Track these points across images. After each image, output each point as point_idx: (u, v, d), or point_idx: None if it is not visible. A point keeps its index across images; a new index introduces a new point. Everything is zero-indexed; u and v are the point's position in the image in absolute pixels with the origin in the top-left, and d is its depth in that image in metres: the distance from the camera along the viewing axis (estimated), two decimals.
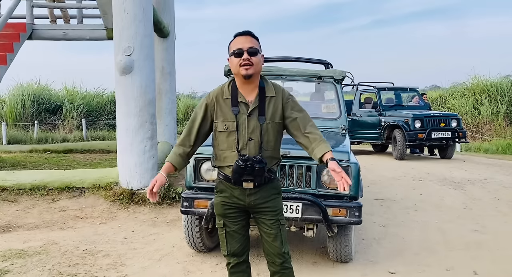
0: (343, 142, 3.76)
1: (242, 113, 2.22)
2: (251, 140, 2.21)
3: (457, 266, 3.59)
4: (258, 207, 2.26)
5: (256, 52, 2.17)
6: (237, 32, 2.24)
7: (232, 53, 2.18)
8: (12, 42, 7.56)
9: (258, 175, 2.19)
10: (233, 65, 2.20)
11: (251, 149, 2.20)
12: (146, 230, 4.51)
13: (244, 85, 2.24)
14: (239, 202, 2.27)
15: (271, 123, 2.24)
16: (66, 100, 18.77)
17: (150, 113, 5.51)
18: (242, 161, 2.15)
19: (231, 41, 2.23)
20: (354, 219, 3.16)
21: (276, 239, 2.26)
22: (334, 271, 3.46)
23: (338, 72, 4.49)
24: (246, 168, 2.15)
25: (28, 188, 5.34)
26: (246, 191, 2.24)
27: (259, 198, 2.25)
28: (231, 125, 2.22)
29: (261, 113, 2.22)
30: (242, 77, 2.19)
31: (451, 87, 19.76)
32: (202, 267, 3.48)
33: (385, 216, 5.13)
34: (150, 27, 5.62)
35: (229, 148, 2.23)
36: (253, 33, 2.22)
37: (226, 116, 2.23)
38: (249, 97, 2.24)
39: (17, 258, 3.61)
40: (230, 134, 2.22)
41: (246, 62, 2.14)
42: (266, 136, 2.23)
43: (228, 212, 2.29)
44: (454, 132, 9.95)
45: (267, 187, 2.27)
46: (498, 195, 6.28)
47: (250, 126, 2.21)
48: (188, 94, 23.38)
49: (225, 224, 2.30)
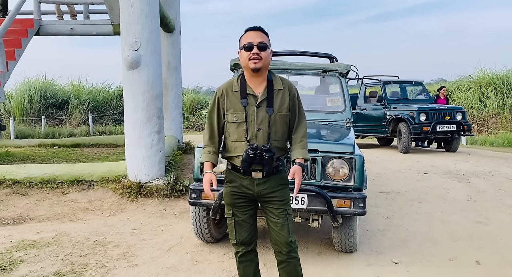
0: (347, 135, 3.81)
1: (251, 104, 2.32)
2: (259, 130, 2.31)
3: (460, 256, 3.65)
4: (266, 197, 2.35)
5: (266, 47, 2.28)
6: (248, 27, 2.34)
7: (243, 47, 2.29)
8: (20, 37, 7.67)
9: (267, 164, 2.28)
10: (242, 58, 2.30)
11: (259, 139, 2.30)
12: (155, 222, 4.61)
13: (253, 78, 2.34)
14: (248, 192, 2.35)
15: (279, 114, 2.34)
16: (73, 95, 18.91)
17: (157, 107, 5.59)
18: (251, 149, 2.25)
19: (242, 35, 2.33)
20: (359, 210, 3.22)
21: (283, 228, 2.34)
22: (339, 261, 3.53)
23: (342, 65, 4.54)
24: (255, 157, 2.25)
25: (38, 181, 5.45)
26: (255, 180, 2.32)
27: (267, 188, 2.33)
28: (240, 116, 2.32)
29: (269, 105, 2.32)
30: (251, 70, 2.29)
31: (457, 80, 19.67)
32: (210, 257, 3.57)
33: (389, 208, 5.19)
34: (156, 22, 5.68)
35: (239, 138, 2.32)
36: (263, 28, 2.33)
37: (235, 107, 2.33)
38: (258, 89, 2.34)
39: (30, 248, 3.72)
40: (239, 125, 2.32)
41: (255, 56, 2.24)
42: (274, 127, 2.33)
43: (237, 202, 2.37)
44: (459, 125, 9.95)
45: (275, 177, 2.36)
46: (502, 187, 6.32)
47: (258, 117, 2.31)
48: (193, 89, 23.45)
49: (234, 213, 2.38)
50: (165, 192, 5.36)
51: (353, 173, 3.27)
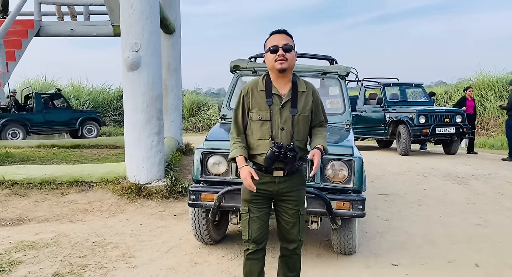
0: (347, 136, 3.81)
1: (275, 104, 2.39)
2: (283, 129, 2.37)
3: (459, 259, 3.66)
4: (283, 195, 2.41)
5: (290, 49, 2.36)
6: (273, 30, 2.42)
7: (268, 50, 2.36)
8: (20, 38, 7.68)
9: (290, 163, 2.34)
10: (268, 60, 2.38)
11: (283, 138, 2.36)
12: (154, 223, 4.60)
13: (278, 79, 2.41)
14: (267, 189, 2.40)
15: (302, 115, 2.42)
16: (72, 96, 18.92)
17: (157, 109, 5.59)
18: (277, 147, 2.30)
19: (267, 39, 2.41)
20: (358, 212, 3.22)
21: (294, 227, 2.43)
22: (338, 263, 3.53)
23: (342, 68, 4.54)
24: (279, 155, 2.30)
25: (38, 182, 5.45)
26: (276, 179, 2.38)
27: (286, 187, 2.40)
28: (265, 115, 2.38)
29: (293, 106, 2.40)
30: (277, 71, 2.36)
31: (456, 83, 19.68)
32: (209, 259, 3.57)
33: (388, 210, 5.19)
34: (157, 24, 5.69)
35: (263, 136, 2.38)
36: (287, 31, 2.40)
37: (260, 106, 2.40)
38: (283, 90, 2.41)
39: (29, 249, 3.72)
40: (264, 124, 2.38)
41: (281, 58, 2.32)
42: (297, 127, 2.40)
43: (254, 198, 2.41)
44: (459, 127, 9.97)
45: (295, 177, 2.43)
46: (501, 190, 6.32)
47: (282, 117, 2.38)
48: (193, 90, 23.47)
49: (250, 209, 2.43)
50: (164, 193, 5.35)
51: (353, 175, 3.27)
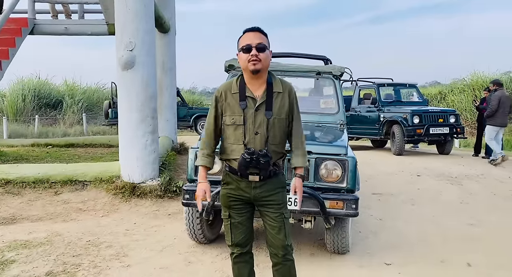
0: (341, 136, 3.83)
1: (249, 107, 2.27)
2: (257, 134, 2.26)
3: (452, 258, 3.69)
4: (262, 200, 2.32)
5: (264, 48, 2.22)
6: (246, 28, 2.29)
7: (241, 49, 2.24)
8: (14, 36, 7.62)
9: (264, 169, 2.25)
10: (241, 60, 2.25)
11: (257, 143, 2.25)
12: (148, 223, 4.60)
13: (252, 80, 2.29)
14: (244, 195, 2.32)
15: (278, 118, 2.29)
16: (67, 95, 18.88)
17: (152, 108, 5.58)
18: (248, 154, 2.21)
19: (240, 37, 2.28)
20: (351, 211, 3.23)
21: (280, 232, 2.31)
22: (332, 263, 3.55)
23: (337, 68, 4.56)
24: (251, 161, 2.22)
25: (31, 181, 5.42)
26: (251, 184, 2.30)
27: (264, 191, 2.31)
28: (238, 119, 2.27)
29: (268, 108, 2.27)
30: (250, 72, 2.24)
31: (451, 84, 19.82)
32: (203, 258, 3.57)
33: (382, 210, 5.22)
34: (151, 23, 5.68)
35: (236, 141, 2.28)
36: (262, 29, 2.27)
37: (233, 110, 2.28)
38: (257, 92, 2.29)
39: (22, 248, 3.70)
40: (237, 128, 2.28)
41: (254, 58, 2.19)
42: (272, 131, 2.28)
43: (233, 204, 2.35)
44: (452, 128, 10.03)
45: (272, 181, 2.33)
46: (494, 190, 6.38)
47: (257, 121, 2.26)
48: (188, 89, 23.45)
49: (230, 215, 2.36)
50: (158, 192, 5.35)
51: (346, 174, 3.29)
